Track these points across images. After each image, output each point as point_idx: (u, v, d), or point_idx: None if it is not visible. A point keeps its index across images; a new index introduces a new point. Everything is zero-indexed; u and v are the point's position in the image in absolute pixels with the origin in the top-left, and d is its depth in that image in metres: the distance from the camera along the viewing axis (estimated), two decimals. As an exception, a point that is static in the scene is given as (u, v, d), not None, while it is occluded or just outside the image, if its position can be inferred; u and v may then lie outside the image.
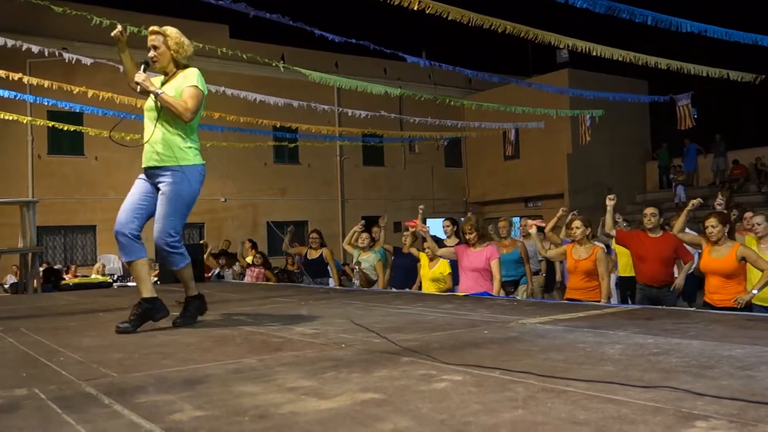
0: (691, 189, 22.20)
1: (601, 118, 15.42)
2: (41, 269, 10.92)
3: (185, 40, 4.10)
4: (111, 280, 13.20)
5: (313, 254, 9.25)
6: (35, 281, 9.95)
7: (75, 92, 12.06)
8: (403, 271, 8.13)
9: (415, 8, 7.64)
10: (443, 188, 26.93)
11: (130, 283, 14.32)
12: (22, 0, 9.57)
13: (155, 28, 4.07)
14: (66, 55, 11.32)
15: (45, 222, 17.12)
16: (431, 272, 7.00)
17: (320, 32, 9.60)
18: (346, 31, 10.07)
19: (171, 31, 4.07)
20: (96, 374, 2.68)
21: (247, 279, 10.73)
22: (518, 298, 6.60)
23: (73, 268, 15.45)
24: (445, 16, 8.01)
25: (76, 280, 12.34)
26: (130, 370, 2.74)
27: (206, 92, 4.10)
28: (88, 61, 10.81)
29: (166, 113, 3.97)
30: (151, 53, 4.05)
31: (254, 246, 14.73)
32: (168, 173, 3.98)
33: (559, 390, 2.16)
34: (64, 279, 12.45)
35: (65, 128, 13.89)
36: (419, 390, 2.23)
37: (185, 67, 4.10)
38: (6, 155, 18.57)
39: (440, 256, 6.82)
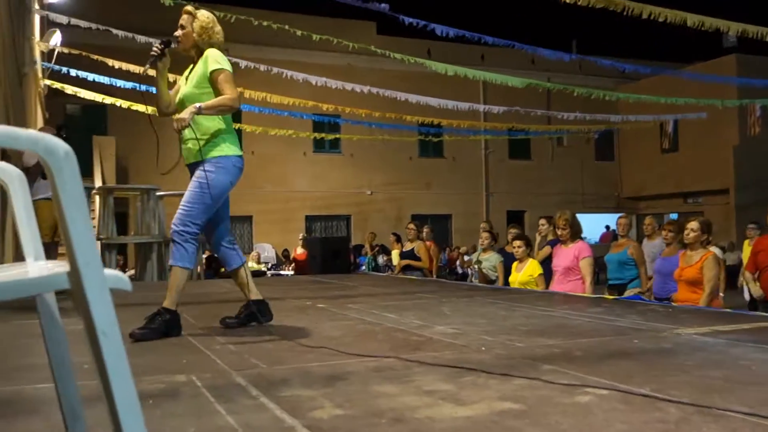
0: None
1: (774, 108, 14.12)
2: (204, 257, 11.75)
3: (215, 27, 3.92)
4: (265, 269, 13.95)
5: (408, 246, 9.17)
6: (198, 268, 10.74)
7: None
8: None
9: (562, 1, 7.38)
10: (593, 183, 25.86)
11: (282, 272, 15.08)
12: (182, 4, 10.25)
13: (189, 8, 3.91)
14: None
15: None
16: (520, 275, 6.69)
17: (465, 32, 9.55)
18: (492, 23, 9.95)
19: (201, 14, 3.91)
20: (247, 364, 2.83)
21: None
22: None
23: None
24: (595, 6, 7.66)
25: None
26: (277, 362, 2.87)
27: (231, 69, 3.85)
28: (243, 64, 11.45)
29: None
30: (178, 32, 3.89)
31: (399, 239, 14.96)
32: (206, 164, 3.80)
33: (716, 414, 1.99)
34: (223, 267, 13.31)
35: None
36: (560, 403, 2.15)
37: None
38: (175, 151, 20.10)
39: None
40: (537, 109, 16.46)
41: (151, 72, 3.92)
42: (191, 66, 4.00)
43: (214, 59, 3.80)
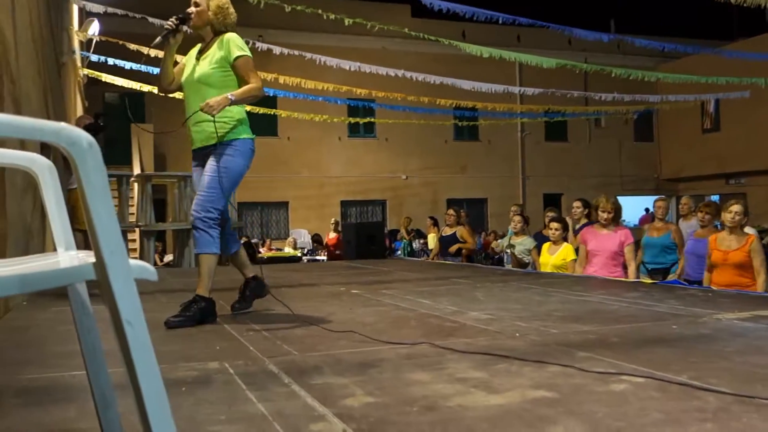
0: None
1: (821, 85, 13.60)
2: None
3: (229, 8, 3.89)
4: (301, 254, 14.04)
5: (447, 231, 9.14)
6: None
7: (270, 79, 12.89)
8: None
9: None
10: (632, 164, 25.38)
11: (318, 257, 15.17)
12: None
13: None
14: (258, 45, 12.08)
15: (244, 198, 18.59)
16: (553, 258, 6.58)
17: (501, 15, 9.42)
18: (529, 4, 9.78)
19: None
20: (279, 351, 2.84)
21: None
22: None
23: (267, 242, 16.63)
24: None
25: (270, 254, 13.27)
26: (309, 349, 2.88)
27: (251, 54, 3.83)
28: (277, 50, 11.46)
29: (213, 87, 3.75)
30: (191, 8, 3.84)
31: (435, 223, 14.92)
32: (223, 147, 3.76)
33: (759, 403, 1.93)
34: (260, 253, 13.45)
35: (259, 111, 14.88)
36: (595, 391, 2.11)
37: (220, 33, 3.86)
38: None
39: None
40: (574, 90, 16.18)
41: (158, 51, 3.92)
42: (200, 45, 3.97)
43: (237, 45, 3.76)
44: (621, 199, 7.75)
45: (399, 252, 14.26)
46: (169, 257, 13.76)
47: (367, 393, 2.13)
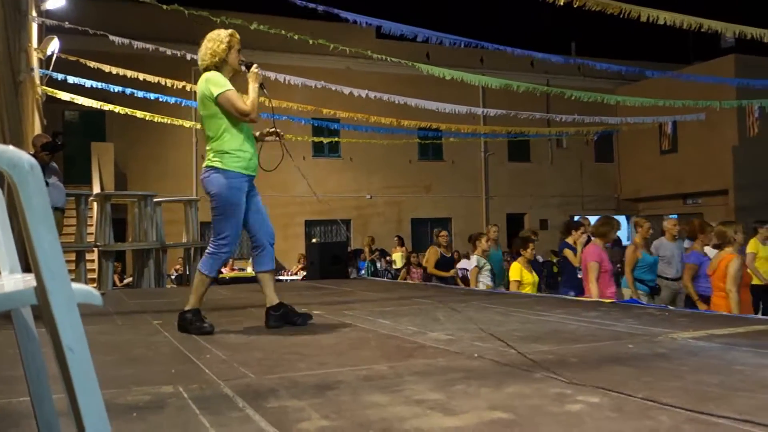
0: None
1: (773, 108, 14.06)
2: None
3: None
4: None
5: (447, 253, 9.20)
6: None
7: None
8: None
9: (561, 3, 7.34)
10: (593, 184, 25.81)
11: (281, 277, 15.04)
12: (186, 12, 10.25)
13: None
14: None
15: (207, 218, 18.35)
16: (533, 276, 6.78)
17: (462, 39, 9.58)
18: (492, 26, 9.95)
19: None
20: (236, 374, 2.80)
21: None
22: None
23: (230, 262, 16.44)
24: (594, 9, 7.62)
25: (233, 274, 13.12)
26: (266, 372, 2.84)
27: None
28: (242, 68, 11.41)
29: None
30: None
31: (402, 242, 14.98)
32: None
33: (709, 422, 1.96)
34: (222, 273, 13.29)
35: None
36: (551, 412, 2.12)
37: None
38: (173, 157, 20.12)
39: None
40: (536, 111, 16.41)
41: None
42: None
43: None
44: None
45: (363, 272, 14.22)
46: (128, 278, 13.51)
47: (322, 416, 2.11)
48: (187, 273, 10.98)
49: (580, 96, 12.52)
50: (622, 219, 22.75)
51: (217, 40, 4.10)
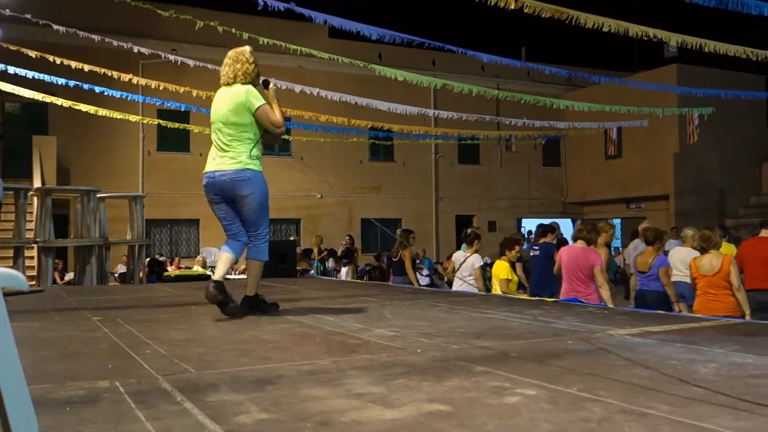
0: (812, 192, 20.65)
1: (712, 116, 14.59)
2: (146, 261, 11.50)
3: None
4: (210, 273, 13.69)
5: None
6: (140, 272, 10.49)
7: (182, 92, 12.63)
8: None
9: (512, 8, 7.44)
10: (540, 188, 26.29)
11: (228, 276, 14.85)
12: (133, 4, 10.04)
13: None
14: (172, 57, 11.84)
15: (153, 215, 18.04)
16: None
17: (416, 39, 9.64)
18: (443, 29, 10.05)
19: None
20: (176, 369, 2.76)
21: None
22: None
23: (176, 260, 16.18)
24: (543, 15, 7.76)
25: (178, 272, 12.91)
26: (207, 367, 2.80)
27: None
28: (191, 62, 11.26)
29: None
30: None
31: (353, 242, 14.98)
32: None
33: (639, 412, 2.02)
34: (167, 271, 13.06)
35: (171, 126, 14.54)
36: (489, 404, 2.15)
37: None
38: (119, 152, 19.68)
39: None
40: (486, 114, 16.64)
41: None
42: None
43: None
44: (529, 222, 8.16)
45: (312, 271, 14.16)
46: (70, 275, 13.14)
47: (262, 410, 2.09)
48: (131, 271, 10.76)
49: (530, 100, 12.74)
50: (567, 222, 23.26)
51: (246, 62, 4.57)
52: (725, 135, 21.35)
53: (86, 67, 11.37)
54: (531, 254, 8.24)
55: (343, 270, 12.78)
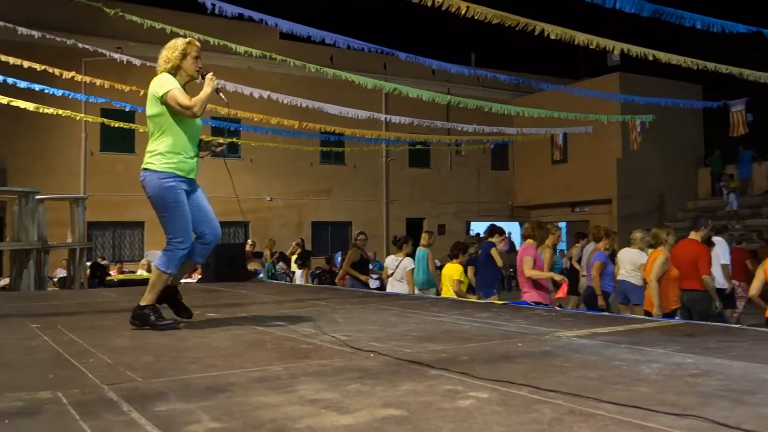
0: (744, 197, 21.49)
1: (653, 123, 15.03)
2: (88, 264, 11.17)
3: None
4: (156, 277, 13.40)
5: (364, 255, 9.56)
6: (82, 276, 10.18)
7: (127, 91, 12.34)
8: None
9: (462, 13, 7.52)
10: (489, 191, 26.65)
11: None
12: (77, 1, 9.77)
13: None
14: (117, 56, 11.56)
15: (95, 218, 17.55)
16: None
17: (367, 45, 9.65)
18: (395, 33, 10.09)
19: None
20: (121, 378, 2.68)
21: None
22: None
23: (119, 265, 15.78)
24: (492, 22, 7.87)
25: (121, 276, 12.60)
26: (155, 375, 2.74)
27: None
28: (137, 61, 11.01)
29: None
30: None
31: (303, 246, 14.85)
32: None
33: (588, 413, 2.06)
34: (110, 275, 12.73)
35: (115, 125, 14.18)
36: (442, 407, 2.16)
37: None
38: (60, 152, 19.11)
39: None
40: (437, 119, 16.74)
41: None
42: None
43: None
44: (478, 225, 8.40)
45: (261, 275, 14.01)
46: (5, 280, 12.67)
47: (213, 418, 2.05)
48: (72, 275, 10.44)
49: (479, 105, 12.89)
50: (515, 225, 23.62)
51: (171, 48, 4.20)
52: (665, 141, 22.03)
53: (26, 64, 11.00)
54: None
55: (298, 273, 12.67)
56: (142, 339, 3.77)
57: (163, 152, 4.06)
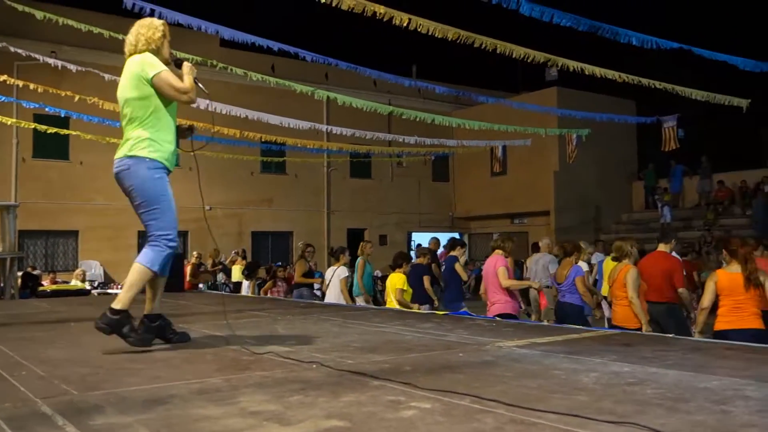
0: (676, 210, 22.31)
1: (589, 137, 15.49)
2: (19, 275, 10.74)
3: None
4: (90, 287, 13.02)
5: (310, 266, 9.60)
6: (12, 287, 9.78)
7: (62, 96, 11.98)
8: None
9: (405, 25, 7.61)
10: (430, 202, 26.89)
11: (110, 291, 14.17)
12: (8, 3, 9.43)
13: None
14: (51, 61, 11.21)
15: (27, 226, 16.90)
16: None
17: (309, 54, 9.65)
18: (336, 43, 10.13)
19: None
20: (56, 391, 2.59)
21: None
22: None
23: (52, 275, 15.23)
24: (435, 34, 7.98)
25: (54, 287, 12.16)
26: (91, 388, 2.66)
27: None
28: (73, 67, 10.70)
29: None
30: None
31: (244, 256, 14.67)
32: None
33: (529, 422, 2.10)
34: (42, 285, 12.27)
35: (48, 131, 13.72)
36: (385, 418, 2.17)
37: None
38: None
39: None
40: (378, 130, 16.83)
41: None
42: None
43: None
44: (418, 235, 8.50)
45: (202, 285, 13.76)
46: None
47: (152, 431, 2.01)
48: (2, 286, 10.01)
49: (422, 117, 13.02)
50: (456, 236, 23.90)
51: (151, 27, 3.84)
52: (601, 155, 22.70)
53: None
54: (442, 269, 8.49)
55: (245, 284, 12.48)
56: (76, 351, 3.66)
57: (152, 138, 3.68)
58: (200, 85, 3.95)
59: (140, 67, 3.71)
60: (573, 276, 6.88)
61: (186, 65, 3.89)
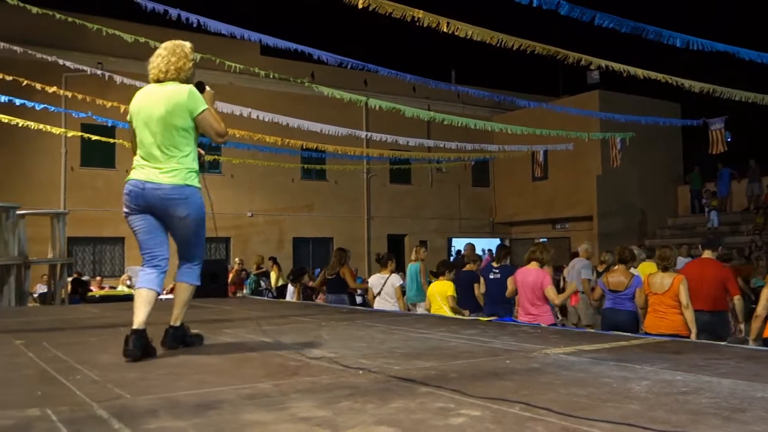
0: (724, 214, 21.76)
1: (632, 140, 15.24)
2: (69, 280, 11.04)
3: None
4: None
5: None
6: (63, 292, 10.06)
7: (108, 106, 12.27)
8: None
9: (444, 30, 7.60)
10: (470, 208, 26.74)
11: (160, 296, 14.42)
12: (58, 16, 9.72)
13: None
14: (98, 72, 11.51)
15: (75, 233, 17.34)
16: None
17: (350, 60, 9.70)
18: (376, 49, 10.15)
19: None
20: (110, 395, 2.65)
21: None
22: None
23: (99, 279, 15.60)
24: (473, 38, 7.95)
25: (102, 292, 12.46)
26: (143, 392, 2.71)
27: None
28: (118, 78, 10.96)
29: None
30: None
31: (276, 263, 14.80)
32: None
33: (581, 430, 2.07)
34: (91, 290, 12.57)
35: (93, 138, 14.07)
36: (435, 425, 2.16)
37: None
38: (40, 167, 18.90)
39: None
40: (417, 135, 16.83)
41: None
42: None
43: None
44: (457, 241, 8.47)
45: (245, 291, 13.92)
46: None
47: (205, 436, 2.04)
48: (53, 291, 10.31)
49: (462, 123, 12.98)
50: (496, 242, 23.72)
51: (182, 56, 3.84)
52: (644, 159, 22.29)
53: (7, 77, 10.91)
54: (491, 277, 8.18)
55: (290, 289, 12.57)
56: (122, 357, 3.72)
57: (197, 171, 3.83)
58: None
59: (189, 99, 3.72)
60: (636, 286, 6.68)
61: (208, 92, 3.92)
